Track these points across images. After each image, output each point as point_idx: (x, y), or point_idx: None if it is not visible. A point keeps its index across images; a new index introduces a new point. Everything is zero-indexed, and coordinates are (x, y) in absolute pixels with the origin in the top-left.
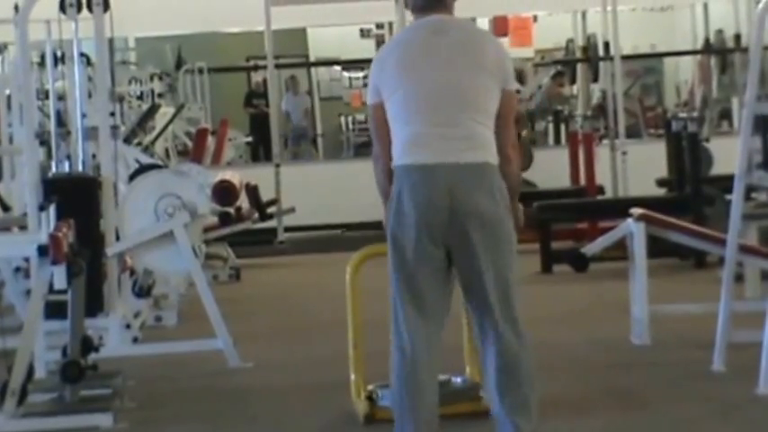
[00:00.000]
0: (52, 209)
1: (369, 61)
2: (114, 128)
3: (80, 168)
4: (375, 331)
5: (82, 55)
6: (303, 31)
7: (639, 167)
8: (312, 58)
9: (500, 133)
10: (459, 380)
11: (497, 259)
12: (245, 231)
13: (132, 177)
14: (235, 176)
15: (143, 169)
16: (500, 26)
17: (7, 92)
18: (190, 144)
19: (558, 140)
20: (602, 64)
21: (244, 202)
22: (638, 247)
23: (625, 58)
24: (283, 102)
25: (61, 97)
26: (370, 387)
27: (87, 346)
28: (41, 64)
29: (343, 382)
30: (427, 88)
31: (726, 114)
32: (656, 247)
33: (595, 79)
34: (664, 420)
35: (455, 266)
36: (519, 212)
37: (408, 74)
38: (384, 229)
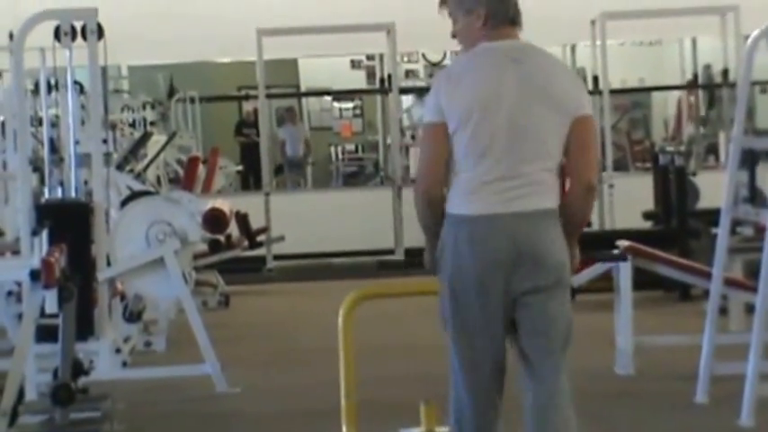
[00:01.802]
0: (45, 234)
1: (359, 92)
2: (107, 155)
3: (72, 194)
4: (364, 359)
5: (75, 83)
6: (294, 61)
7: (626, 200)
8: (303, 89)
9: (579, 161)
10: None
11: (563, 322)
12: (234, 259)
13: (124, 204)
14: (225, 204)
15: (134, 196)
16: None
17: (1, 118)
18: (181, 172)
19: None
20: (591, 97)
21: (234, 229)
22: (624, 280)
23: (613, 92)
24: (281, 131)
25: (54, 124)
26: None
27: (78, 369)
28: (35, 91)
29: (330, 410)
30: (498, 129)
31: (713, 149)
32: (642, 279)
33: None
34: None
35: (522, 313)
36: (577, 252)
37: (483, 106)
38: (426, 266)
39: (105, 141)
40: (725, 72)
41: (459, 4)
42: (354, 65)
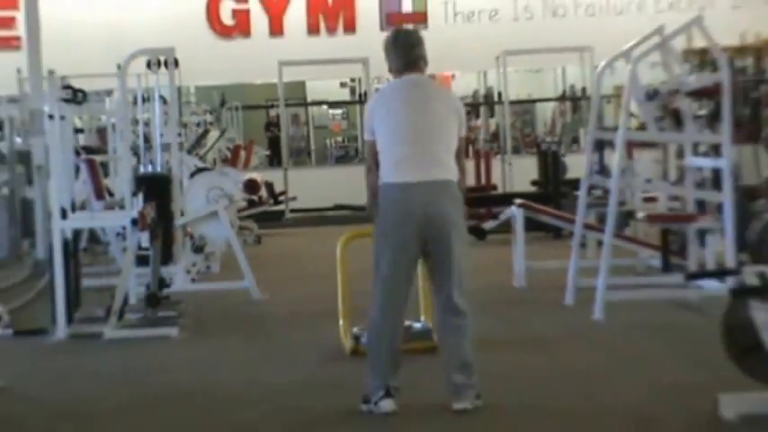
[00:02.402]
0: (140, 196)
1: (346, 103)
2: (180, 144)
3: (158, 170)
4: (354, 280)
5: (160, 97)
6: (303, 82)
7: (520, 173)
8: (309, 100)
9: (459, 159)
10: (417, 325)
11: (459, 251)
12: (264, 212)
13: (192, 176)
14: (257, 176)
15: (198, 171)
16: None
17: (112, 120)
18: (228, 155)
19: (467, 155)
20: (496, 106)
21: (263, 192)
22: (519, 224)
23: (512, 102)
24: (290, 130)
25: (147, 124)
26: (355, 330)
27: (162, 284)
28: (134, 102)
29: (330, 311)
30: (409, 125)
31: (575, 139)
32: (530, 225)
33: (492, 116)
34: (531, 334)
35: (428, 254)
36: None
37: (394, 115)
38: (366, 211)
39: (179, 135)
40: (583, 90)
41: (386, 58)
42: (342, 85)
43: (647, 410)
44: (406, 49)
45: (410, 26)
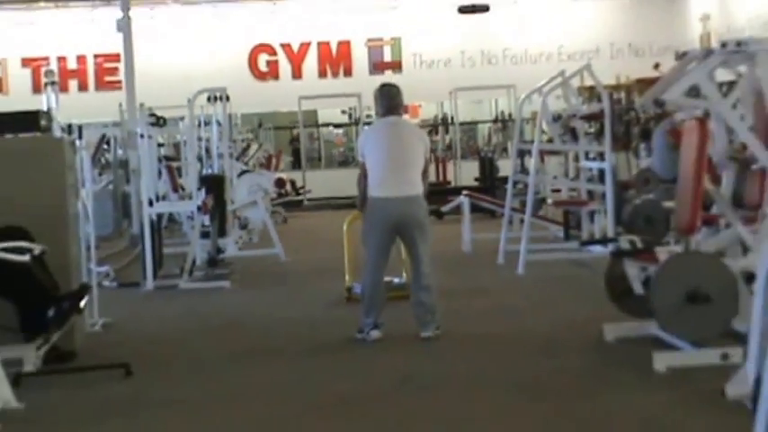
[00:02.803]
0: (203, 190)
1: (346, 125)
2: (230, 154)
3: (216, 171)
4: (355, 249)
5: (216, 121)
6: (315, 111)
7: (466, 172)
8: (320, 123)
9: (425, 174)
10: (397, 280)
11: (424, 240)
12: (289, 200)
13: (239, 176)
14: (284, 176)
15: (243, 173)
16: (405, 109)
17: (184, 138)
18: (264, 161)
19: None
20: (450, 126)
21: (288, 187)
22: (466, 208)
23: (461, 123)
24: (307, 143)
25: (207, 140)
26: (348, 283)
27: (218, 251)
28: (199, 125)
29: (336, 269)
30: (389, 153)
31: (505, 149)
32: (474, 208)
33: (447, 133)
34: (474, 284)
35: (404, 241)
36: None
37: (379, 145)
38: (356, 206)
39: (230, 148)
40: (509, 114)
41: (375, 104)
42: (343, 112)
43: (553, 335)
44: (388, 99)
45: (392, 82)
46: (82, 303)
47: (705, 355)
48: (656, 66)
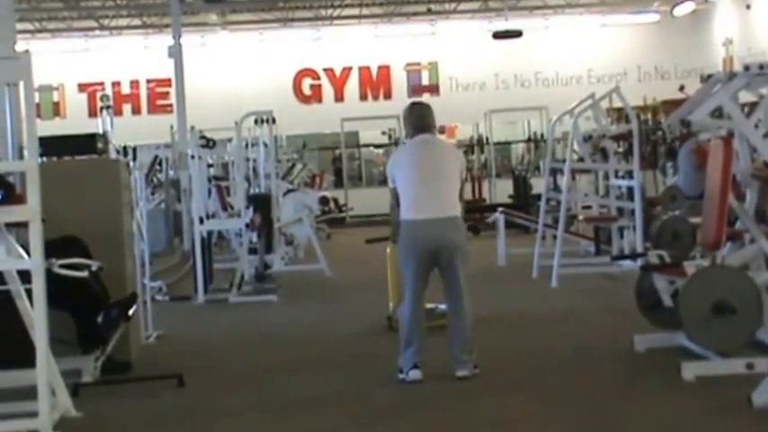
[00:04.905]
0: (251, 208)
1: (386, 145)
2: (276, 173)
3: (263, 190)
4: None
5: (263, 143)
6: (357, 132)
7: (501, 190)
8: (361, 144)
9: (461, 194)
10: (439, 307)
11: (463, 265)
12: (333, 218)
13: (285, 195)
14: (328, 194)
15: (289, 191)
16: (441, 130)
17: (232, 158)
18: (309, 180)
19: (466, 180)
20: (485, 146)
21: (332, 205)
22: (501, 225)
23: (495, 144)
24: (349, 163)
25: (254, 160)
26: (390, 312)
27: (266, 266)
28: (246, 146)
29: (377, 284)
30: (422, 172)
31: (538, 168)
32: (509, 224)
33: (482, 152)
34: (509, 297)
35: (440, 267)
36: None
37: (410, 164)
38: (391, 237)
39: (276, 168)
40: (542, 135)
41: (404, 125)
42: (383, 133)
43: (585, 344)
44: (418, 119)
45: (421, 100)
46: (131, 311)
47: (731, 365)
48: (681, 88)
